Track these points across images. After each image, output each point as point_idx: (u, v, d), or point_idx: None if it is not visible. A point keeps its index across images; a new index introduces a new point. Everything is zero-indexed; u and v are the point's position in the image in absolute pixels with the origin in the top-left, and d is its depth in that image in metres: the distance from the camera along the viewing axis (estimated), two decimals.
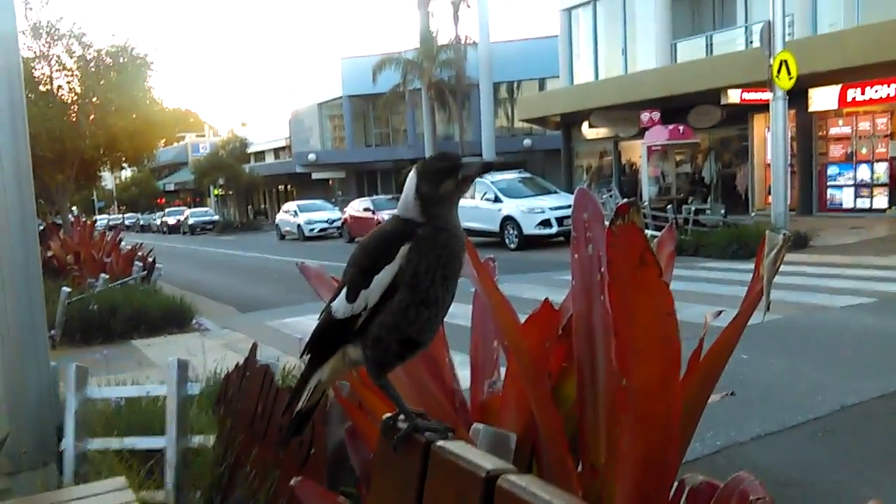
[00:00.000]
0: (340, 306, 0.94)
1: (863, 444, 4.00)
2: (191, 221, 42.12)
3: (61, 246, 11.63)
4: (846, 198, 17.74)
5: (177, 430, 2.84)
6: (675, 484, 1.70)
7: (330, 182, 41.75)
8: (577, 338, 1.72)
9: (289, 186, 46.89)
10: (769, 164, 15.17)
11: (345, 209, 26.55)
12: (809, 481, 3.56)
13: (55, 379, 3.47)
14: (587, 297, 1.62)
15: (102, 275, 9.18)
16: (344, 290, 0.95)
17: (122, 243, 12.68)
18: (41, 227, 12.75)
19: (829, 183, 18.03)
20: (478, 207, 16.97)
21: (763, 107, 15.05)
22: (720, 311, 1.48)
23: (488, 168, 1.07)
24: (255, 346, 2.84)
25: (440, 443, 0.90)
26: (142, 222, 51.94)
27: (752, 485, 1.52)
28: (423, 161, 1.01)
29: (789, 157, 15.72)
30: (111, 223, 39.21)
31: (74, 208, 18.80)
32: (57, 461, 3.26)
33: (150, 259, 11.46)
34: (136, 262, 10.60)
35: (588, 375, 1.69)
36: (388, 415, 1.03)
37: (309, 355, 1.03)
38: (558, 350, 1.83)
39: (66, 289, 7.93)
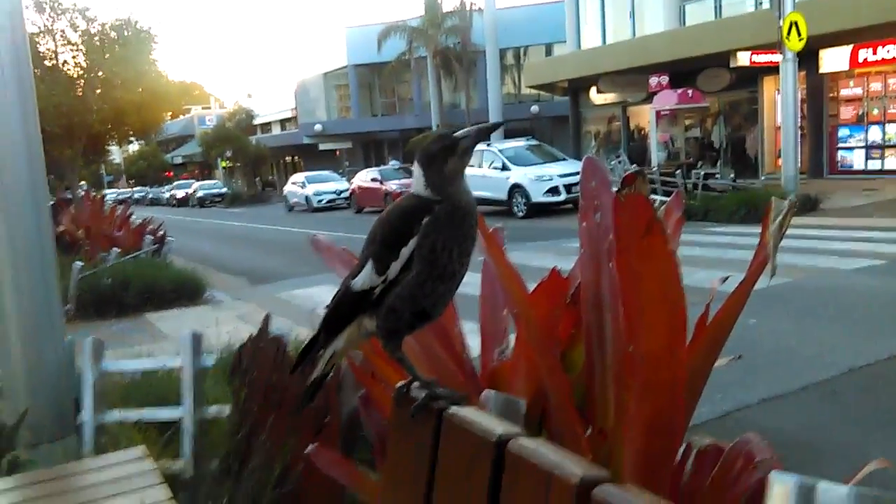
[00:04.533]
0: (365, 278, 0.97)
1: (871, 406, 4.03)
2: (199, 194, 42.20)
3: (72, 221, 11.70)
4: (857, 160, 17.57)
5: (192, 401, 2.90)
6: (683, 446, 1.74)
7: (337, 153, 41.65)
8: (585, 305, 1.74)
9: (296, 157, 46.83)
10: (779, 127, 15.04)
11: (352, 180, 26.55)
12: (817, 443, 3.60)
13: (71, 353, 3.52)
14: (595, 264, 1.64)
15: (114, 249, 9.25)
16: (370, 263, 0.98)
17: (133, 217, 12.73)
18: (51, 203, 12.81)
19: (839, 145, 17.85)
20: (485, 176, 16.91)
21: (773, 69, 14.86)
22: (726, 277, 1.49)
23: (483, 133, 1.10)
24: (267, 318, 2.88)
25: (453, 409, 0.93)
26: (150, 196, 52.05)
27: (757, 446, 1.56)
28: (421, 149, 1.04)
29: (799, 120, 15.56)
30: (120, 197, 39.35)
31: (83, 183, 18.84)
32: (76, 433, 3.33)
33: (161, 232, 11.51)
34: (147, 236, 10.67)
35: (596, 342, 1.72)
36: (402, 383, 1.06)
37: (325, 325, 1.07)
38: (566, 317, 1.85)
39: (78, 263, 7.99)
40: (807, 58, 14.92)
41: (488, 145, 19.18)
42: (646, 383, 1.28)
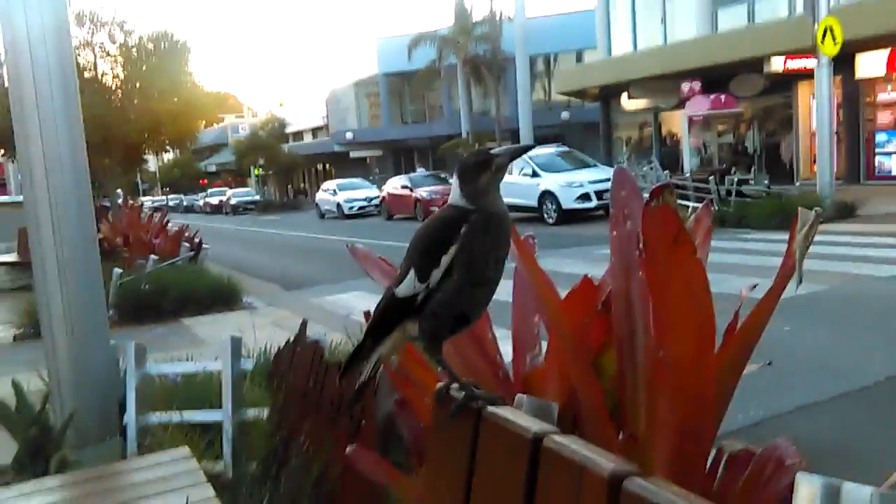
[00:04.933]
0: (408, 286, 1.04)
1: None
2: (233, 202, 42.85)
3: (111, 228, 11.98)
4: (895, 165, 17.26)
5: (232, 404, 2.98)
6: (715, 451, 1.77)
7: (367, 160, 41.97)
8: (617, 312, 1.78)
9: (327, 165, 47.28)
10: (814, 133, 14.84)
11: (383, 187, 26.73)
12: (852, 450, 3.57)
13: (115, 356, 3.64)
14: (626, 273, 1.68)
15: (152, 256, 9.46)
16: (412, 272, 1.04)
17: (169, 225, 12.99)
18: None
19: (877, 150, 17.55)
20: (516, 183, 16.92)
21: (808, 74, 14.68)
22: (755, 285, 1.52)
23: (519, 153, 1.18)
24: (304, 323, 2.96)
25: (490, 409, 0.98)
26: (185, 203, 52.93)
27: (787, 450, 1.58)
28: (460, 161, 1.10)
29: (835, 125, 15.34)
30: (155, 205, 40.10)
31: (120, 191, 19.26)
32: (120, 435, 3.44)
33: (197, 240, 11.73)
34: (184, 243, 10.88)
35: (627, 349, 1.75)
36: (442, 384, 1.12)
37: (371, 331, 1.13)
38: (598, 324, 1.89)
39: (117, 270, 8.19)
40: (842, 62, 14.70)
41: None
42: (675, 389, 1.32)
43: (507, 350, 2.18)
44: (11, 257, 12.53)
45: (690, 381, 1.30)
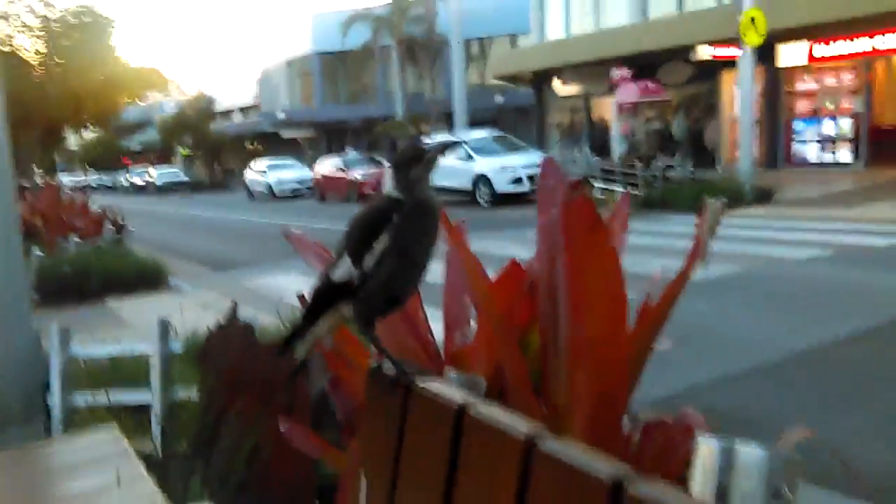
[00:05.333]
0: (343, 271, 1.10)
1: (814, 387, 4.25)
2: (159, 181, 41.58)
3: (29, 208, 11.51)
4: (811, 152, 18.11)
5: (161, 385, 2.97)
6: (631, 420, 1.88)
7: (300, 141, 41.33)
8: (541, 294, 1.86)
9: (257, 145, 46.32)
10: (737, 120, 15.42)
11: (315, 168, 26.38)
12: (761, 420, 3.80)
13: (38, 338, 3.56)
14: (550, 257, 1.76)
15: (73, 237, 9.15)
16: (347, 258, 1.10)
17: (91, 205, 12.57)
18: None
19: (794, 138, 18.37)
20: (451, 166, 17.01)
21: (733, 63, 15.23)
22: (662, 272, 1.64)
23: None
24: (235, 305, 2.96)
25: (420, 383, 1.04)
26: (107, 183, 51.09)
27: (695, 418, 1.71)
28: (396, 154, 1.17)
29: (756, 113, 15.96)
30: (75, 184, 38.56)
31: (35, 168, 18.47)
32: (45, 416, 3.37)
33: (121, 221, 11.41)
34: (107, 224, 10.56)
35: (550, 327, 1.84)
36: (374, 362, 1.18)
37: (307, 313, 1.18)
38: (524, 305, 1.97)
39: (37, 252, 7.92)
40: (766, 52, 15.30)
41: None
42: (591, 363, 1.41)
43: (438, 329, 2.25)
44: None
45: (604, 355, 1.39)
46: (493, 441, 0.82)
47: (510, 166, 16.68)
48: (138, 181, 44.60)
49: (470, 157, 17.27)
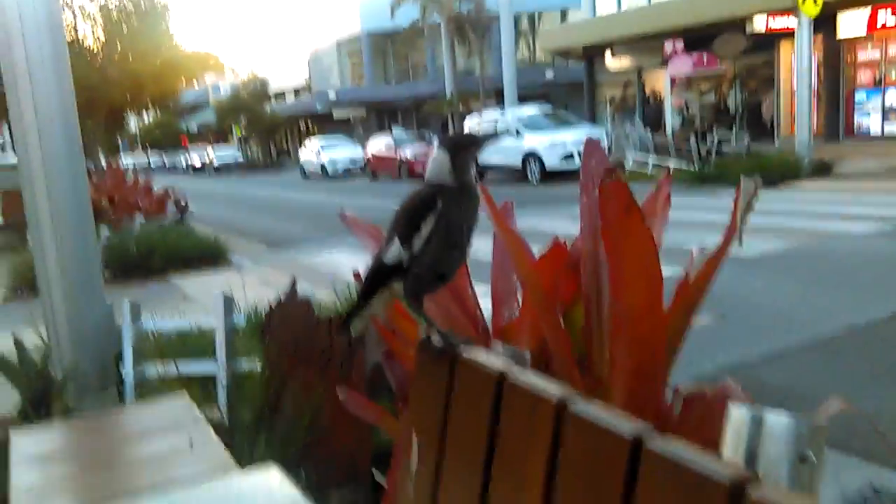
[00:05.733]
0: (394, 252, 1.21)
1: (867, 362, 4.21)
2: (216, 162, 42.55)
3: (95, 190, 11.98)
4: (873, 124, 17.50)
5: (226, 356, 3.14)
6: (672, 393, 1.96)
7: (351, 120, 41.68)
8: (585, 271, 1.94)
9: (310, 125, 46.88)
10: (795, 92, 15.00)
11: (366, 147, 26.62)
12: (812, 396, 3.80)
13: (111, 313, 3.78)
14: (593, 235, 1.84)
15: (138, 216, 9.53)
16: (397, 241, 1.22)
17: (154, 185, 13.01)
18: None
19: (856, 109, 17.77)
20: (500, 143, 16.97)
21: (790, 34, 14.78)
22: (703, 249, 1.69)
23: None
24: (294, 281, 3.10)
25: (465, 353, 1.15)
26: (167, 163, 52.46)
27: (735, 390, 1.77)
28: (450, 139, 1.27)
29: (815, 84, 15.49)
30: (136, 165, 39.75)
31: (101, 150, 19.11)
32: (118, 386, 3.60)
33: (182, 200, 11.79)
34: (169, 204, 10.94)
35: (594, 303, 1.93)
36: (423, 333, 1.29)
37: (363, 291, 1.31)
38: (568, 282, 2.05)
39: (105, 231, 8.28)
40: (824, 22, 14.79)
41: (502, 113, 19.22)
42: (630, 338, 1.50)
43: (487, 306, 2.35)
44: None
45: (643, 330, 1.47)
46: (529, 404, 0.91)
47: (560, 142, 16.56)
48: (196, 162, 45.69)
49: (519, 133, 17.19)
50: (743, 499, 0.64)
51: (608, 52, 22.52)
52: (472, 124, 19.33)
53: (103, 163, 16.81)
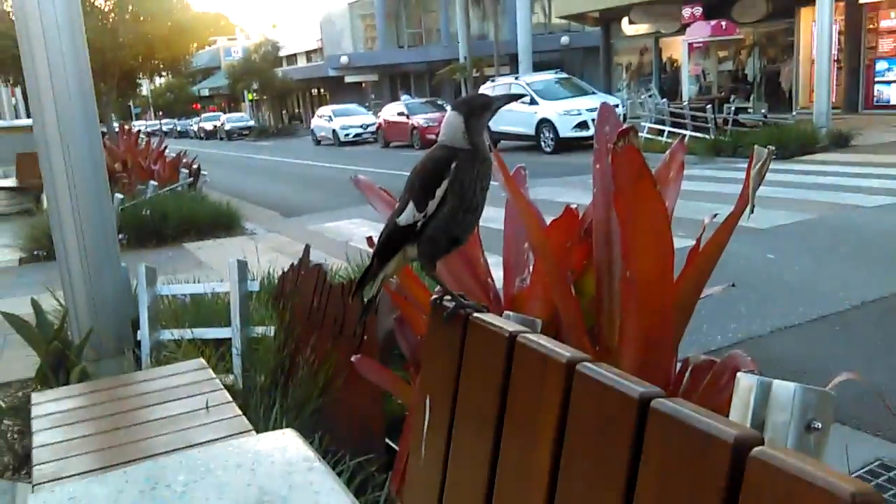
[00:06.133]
0: (408, 215, 1.22)
1: (880, 336, 4.20)
2: (227, 127, 42.49)
3: (108, 154, 12.01)
4: (894, 95, 17.21)
5: (240, 322, 3.19)
6: (681, 362, 1.97)
7: (363, 85, 41.39)
8: (597, 239, 1.95)
9: (322, 90, 46.61)
10: (815, 60, 14.76)
11: (378, 113, 26.50)
12: (822, 369, 3.80)
13: (127, 278, 3.83)
14: (605, 204, 1.84)
15: (151, 182, 9.57)
16: (411, 203, 1.22)
17: (166, 150, 13.03)
18: None
19: (876, 79, 17.46)
20: (513, 111, 16.81)
21: None
22: (715, 214, 1.69)
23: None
24: (307, 248, 3.14)
25: (476, 315, 1.17)
26: (178, 128, 52.44)
27: (743, 360, 1.79)
28: (464, 101, 1.26)
29: (836, 53, 15.22)
30: (148, 129, 39.75)
31: (113, 116, 19.08)
32: (134, 350, 3.66)
33: (195, 166, 11.81)
34: (182, 170, 10.97)
35: (605, 272, 1.93)
36: (436, 295, 1.30)
37: (377, 255, 1.32)
38: (579, 250, 2.06)
39: (118, 195, 8.32)
40: None
41: (516, 79, 19.02)
42: (640, 306, 1.51)
43: (499, 275, 2.37)
44: (11, 182, 12.62)
45: (652, 298, 1.48)
46: (539, 365, 0.93)
47: (574, 110, 16.40)
48: (207, 126, 45.64)
49: (533, 101, 17.01)
50: (747, 457, 0.66)
51: (625, 18, 22.18)
52: (485, 91, 19.16)
53: (116, 127, 16.82)
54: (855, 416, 3.12)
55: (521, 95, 1.65)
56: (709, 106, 15.38)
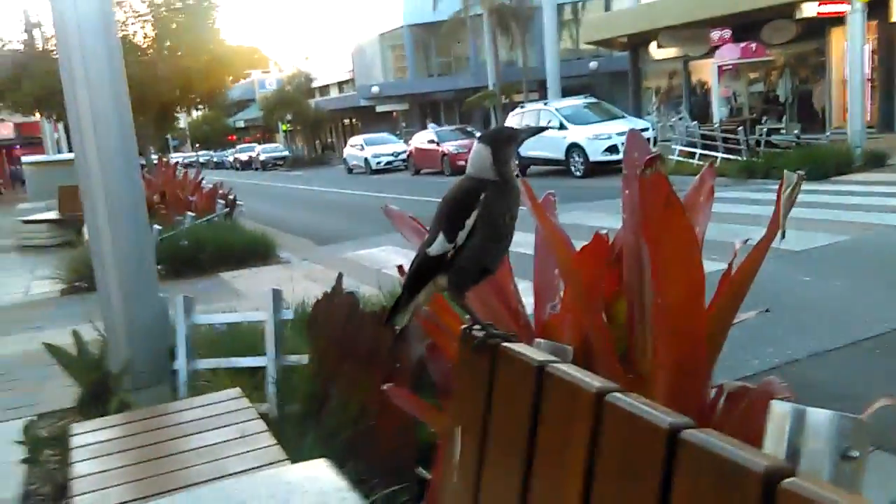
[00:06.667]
0: (439, 245, 1.24)
1: None
2: (262, 157, 43.27)
3: (147, 186, 12.27)
4: None
5: (275, 350, 3.23)
6: (715, 389, 1.95)
7: (394, 114, 41.88)
8: (627, 265, 1.95)
9: (354, 120, 47.25)
10: (847, 81, 14.58)
11: (409, 141, 26.77)
12: (861, 395, 3.72)
13: (165, 307, 3.90)
14: (635, 229, 1.85)
15: (188, 213, 9.75)
16: (441, 234, 1.24)
17: (203, 181, 13.28)
18: None
19: None
20: (542, 136, 16.82)
21: (842, 19, 14.34)
22: (747, 239, 1.69)
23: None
24: (340, 276, 3.17)
25: (505, 344, 1.18)
26: (215, 159, 53.48)
27: (778, 387, 1.76)
28: (490, 134, 1.29)
29: (869, 72, 15.03)
30: (186, 161, 40.62)
31: (151, 148, 19.55)
32: (171, 379, 3.72)
33: (231, 196, 12.01)
34: (218, 200, 11.16)
35: (636, 298, 1.93)
36: (465, 325, 1.32)
37: (408, 285, 1.34)
38: (610, 276, 2.06)
39: (157, 226, 8.49)
40: (878, 6, 14.32)
41: (545, 104, 19.09)
42: (671, 332, 1.50)
43: (529, 301, 2.37)
44: (53, 214, 12.95)
45: (684, 324, 1.48)
46: (568, 395, 0.94)
47: (604, 134, 16.39)
48: (243, 157, 46.49)
49: (562, 125, 17.05)
50: (777, 489, 0.66)
51: (653, 42, 22.18)
52: (514, 118, 19.25)
53: (154, 159, 17.21)
54: (893, 442, 3.03)
55: (546, 128, 1.69)
56: (740, 128, 15.27)
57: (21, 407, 4.25)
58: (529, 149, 16.99)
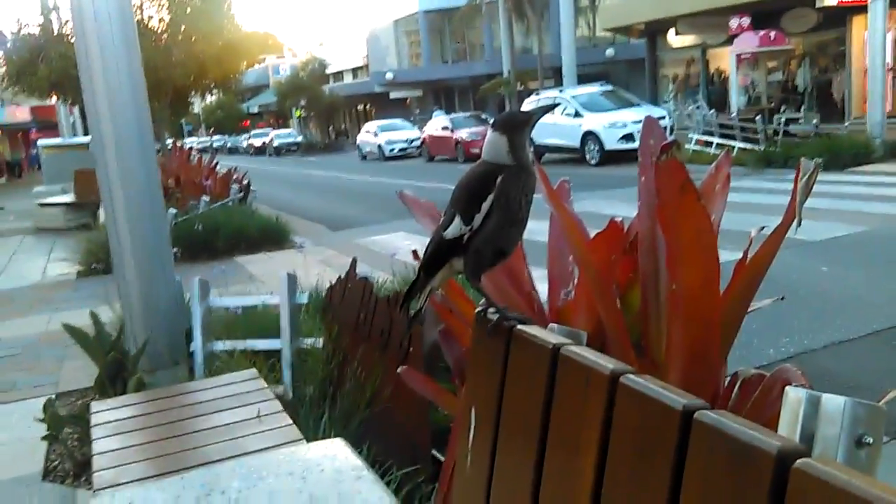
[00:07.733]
0: (455, 228, 1.25)
1: None
2: (276, 143, 43.32)
3: (162, 171, 12.33)
4: None
5: (290, 333, 3.26)
6: (729, 376, 1.95)
7: (407, 100, 41.80)
8: (642, 252, 1.95)
9: (367, 106, 47.21)
10: (868, 70, 14.40)
11: (423, 128, 26.73)
12: (877, 386, 3.70)
13: (181, 290, 3.94)
14: (650, 216, 1.85)
15: (203, 197, 9.81)
16: (458, 217, 1.25)
17: (217, 166, 13.34)
18: None
19: None
20: (558, 123, 16.78)
21: (862, 8, 14.15)
22: (762, 227, 1.68)
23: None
24: (354, 261, 3.19)
25: (520, 327, 1.19)
26: (229, 145, 53.63)
27: (793, 374, 1.76)
28: (503, 120, 1.29)
29: (890, 61, 14.83)
30: (200, 146, 40.80)
31: (166, 133, 19.62)
32: (188, 361, 3.76)
33: (245, 181, 12.06)
34: (233, 185, 11.22)
35: (651, 285, 1.93)
36: (479, 308, 1.33)
37: (424, 268, 1.35)
38: (625, 263, 2.06)
39: (172, 210, 8.55)
40: None
41: (561, 92, 18.99)
42: (686, 318, 1.51)
43: (543, 289, 2.38)
44: (69, 198, 13.06)
45: (698, 311, 1.48)
46: (582, 377, 0.95)
47: (620, 122, 16.29)
48: (257, 143, 46.59)
49: (578, 113, 16.95)
50: (791, 469, 0.66)
51: (671, 29, 21.97)
52: (529, 106, 19.17)
53: (169, 144, 17.29)
54: None
55: (556, 105, 1.68)
56: (758, 117, 15.12)
57: (41, 386, 4.32)
58: (544, 136, 16.92)
